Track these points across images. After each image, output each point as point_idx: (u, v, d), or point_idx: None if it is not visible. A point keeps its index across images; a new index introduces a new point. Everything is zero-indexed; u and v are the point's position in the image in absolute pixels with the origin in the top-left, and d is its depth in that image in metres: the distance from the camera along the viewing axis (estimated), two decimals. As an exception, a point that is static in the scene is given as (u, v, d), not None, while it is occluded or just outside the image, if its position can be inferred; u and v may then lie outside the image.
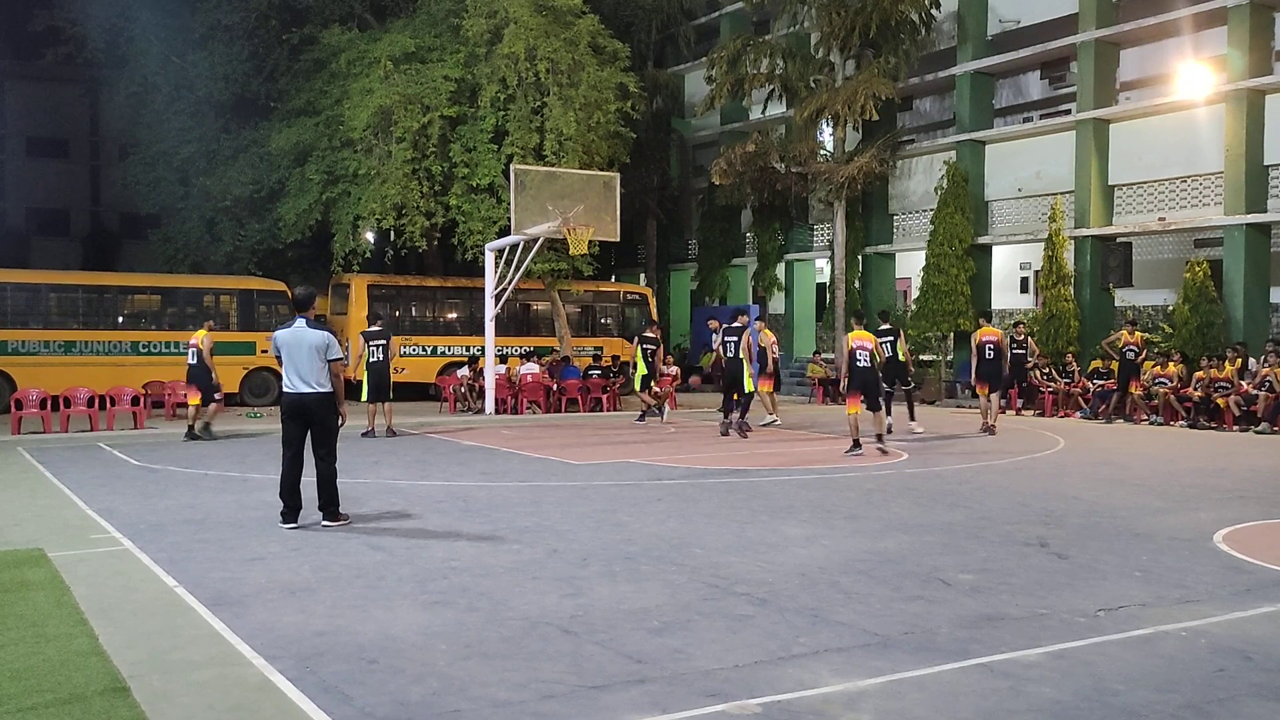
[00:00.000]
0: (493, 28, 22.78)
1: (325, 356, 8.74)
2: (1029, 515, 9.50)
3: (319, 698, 4.71)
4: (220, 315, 23.21)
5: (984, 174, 25.76)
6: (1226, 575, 7.17)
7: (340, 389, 8.92)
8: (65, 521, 9.17)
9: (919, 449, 14.88)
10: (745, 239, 32.24)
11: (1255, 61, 20.80)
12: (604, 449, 15.00)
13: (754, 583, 6.87)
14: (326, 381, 8.76)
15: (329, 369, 8.78)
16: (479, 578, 7.00)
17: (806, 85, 26.52)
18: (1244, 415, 18.09)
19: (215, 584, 6.80)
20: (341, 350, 9.05)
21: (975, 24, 25.79)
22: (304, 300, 9.10)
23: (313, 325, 8.87)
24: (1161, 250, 24.45)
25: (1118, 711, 4.57)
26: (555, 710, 4.57)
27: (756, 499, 10.39)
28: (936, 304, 24.71)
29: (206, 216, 26.82)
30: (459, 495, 10.64)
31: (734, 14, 31.58)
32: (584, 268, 23.63)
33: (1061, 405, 21.25)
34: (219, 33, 26.51)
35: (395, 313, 24.50)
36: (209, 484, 11.36)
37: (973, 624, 5.93)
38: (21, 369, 20.30)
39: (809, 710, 4.57)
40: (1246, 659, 5.33)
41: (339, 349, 8.95)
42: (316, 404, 8.74)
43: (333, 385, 8.81)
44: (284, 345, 8.79)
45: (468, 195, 22.88)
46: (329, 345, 8.79)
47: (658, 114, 32.38)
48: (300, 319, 8.88)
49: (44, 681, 4.88)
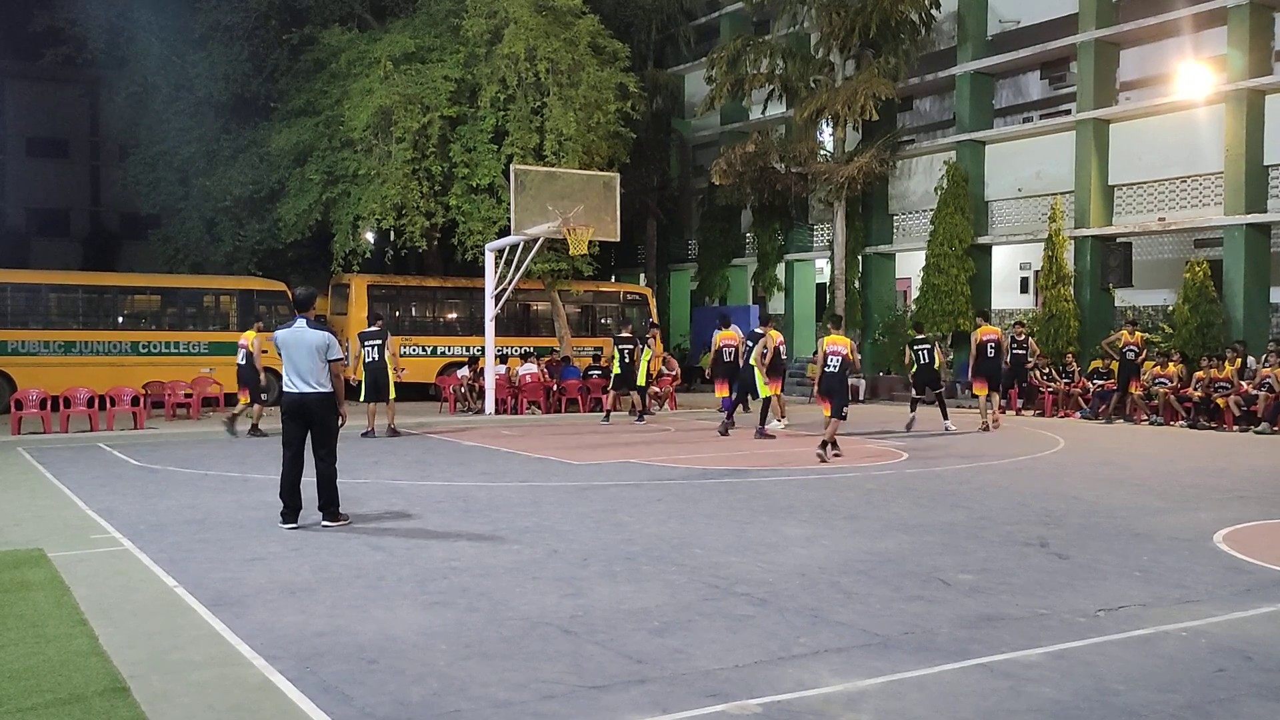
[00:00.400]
0: (493, 28, 22.78)
1: (325, 356, 8.74)
2: (1029, 515, 9.50)
3: (319, 698, 4.71)
4: (220, 316, 23.23)
5: (984, 174, 25.76)
6: (1227, 575, 7.17)
7: (340, 389, 8.92)
8: (65, 522, 9.17)
9: (919, 449, 14.89)
10: (745, 239, 32.24)
11: (1255, 61, 20.80)
12: (604, 449, 15.00)
13: (754, 583, 6.87)
14: (327, 381, 8.75)
15: (329, 369, 8.77)
16: (479, 578, 7.00)
17: (806, 85, 26.52)
18: (1244, 415, 18.09)
19: (215, 584, 6.80)
20: (342, 351, 9.06)
21: (975, 24, 25.79)
22: (304, 300, 9.10)
23: (313, 325, 8.86)
24: (1161, 250, 24.45)
25: (1118, 712, 4.57)
26: (555, 710, 4.57)
27: (757, 499, 10.39)
28: (936, 304, 24.71)
29: (206, 217, 26.82)
30: (459, 495, 10.64)
31: (734, 14, 31.58)
32: (584, 268, 23.64)
33: (1061, 405, 21.25)
34: (219, 33, 26.51)
35: (395, 313, 24.51)
36: (209, 484, 11.36)
37: (973, 624, 5.93)
38: (22, 369, 20.29)
39: (809, 710, 4.57)
40: (1247, 659, 5.33)
41: (339, 349, 8.95)
42: (317, 404, 8.73)
43: (333, 385, 8.80)
44: (284, 345, 8.78)
45: (468, 195, 22.89)
46: (329, 345, 8.79)
47: (658, 114, 32.38)
48: (300, 319, 8.88)
49: (44, 682, 4.88)
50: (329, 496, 8.82)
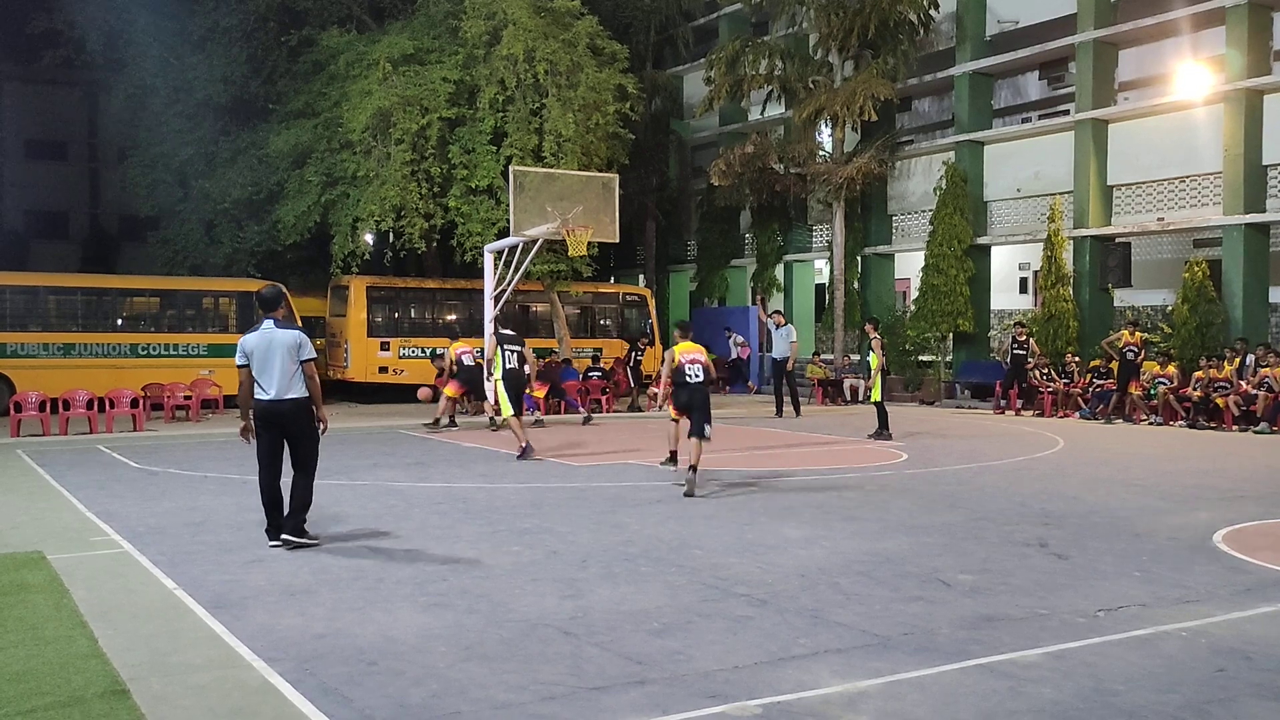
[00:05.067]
0: (491, 29, 22.78)
1: (298, 357, 8.05)
2: (1028, 516, 9.50)
3: (319, 700, 4.71)
4: (219, 318, 23.21)
5: (983, 174, 25.76)
6: (1226, 575, 7.17)
7: (317, 392, 8.20)
8: (64, 524, 9.16)
9: (919, 450, 14.88)
10: (744, 240, 32.23)
11: (1254, 61, 20.81)
12: (603, 450, 14.99)
13: (754, 584, 6.87)
14: (302, 386, 8.06)
15: (303, 371, 8.08)
16: (479, 579, 7.00)
17: (805, 86, 26.51)
18: (1243, 415, 18.09)
19: (215, 586, 6.79)
20: (314, 349, 8.33)
21: (974, 24, 25.80)
22: (271, 300, 8.31)
23: (282, 325, 8.16)
24: (1160, 250, 24.45)
25: (1118, 712, 4.57)
26: (555, 712, 4.57)
27: (756, 500, 10.39)
28: (936, 304, 24.71)
29: (205, 219, 26.82)
30: (458, 497, 10.63)
31: (732, 15, 31.57)
32: (583, 269, 23.62)
33: (1061, 405, 21.25)
34: (217, 35, 26.51)
35: (394, 315, 24.48)
36: (208, 486, 11.35)
37: (972, 625, 5.93)
38: (21, 371, 20.27)
39: (809, 711, 4.57)
40: (1246, 659, 5.33)
41: (312, 348, 8.23)
42: (292, 411, 8.03)
43: (309, 389, 8.12)
44: (254, 350, 8.02)
45: (467, 197, 22.87)
46: (301, 345, 8.08)
47: (656, 115, 32.38)
48: (268, 320, 8.15)
49: (43, 684, 4.88)
50: (298, 510, 8.10)
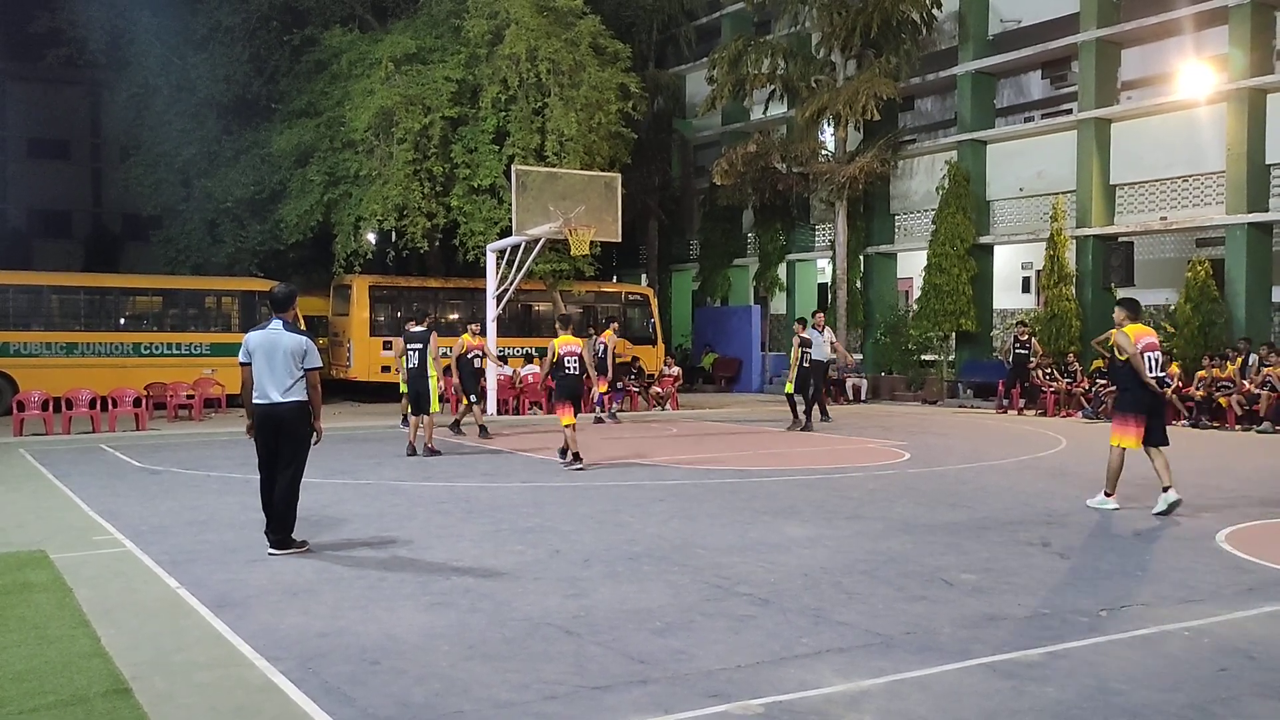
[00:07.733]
0: (494, 28, 22.77)
1: (302, 364, 7.80)
2: (1031, 515, 9.50)
3: (322, 699, 4.71)
4: (222, 317, 23.22)
5: (985, 174, 25.76)
6: (1229, 575, 7.16)
7: (318, 401, 7.94)
8: (67, 523, 9.16)
9: (921, 449, 14.88)
10: (747, 239, 32.24)
11: (1257, 60, 20.79)
12: (606, 449, 14.99)
13: (756, 583, 6.87)
14: (302, 391, 7.82)
15: (306, 379, 7.84)
16: (481, 579, 7.00)
17: (808, 85, 26.51)
18: (1246, 415, 18.07)
19: (218, 585, 6.80)
20: (320, 359, 8.09)
21: (976, 24, 25.79)
22: (283, 300, 8.09)
23: (290, 329, 7.92)
24: (1163, 250, 24.43)
25: (1120, 711, 4.57)
26: (558, 711, 4.57)
27: (759, 499, 10.38)
28: (938, 304, 24.71)
29: (208, 218, 26.82)
30: (461, 496, 10.64)
31: (735, 14, 31.58)
32: (585, 268, 23.63)
33: (1064, 405, 21.23)
34: (220, 34, 26.52)
35: (397, 314, 24.46)
36: (211, 486, 11.36)
37: (975, 624, 5.93)
38: (24, 371, 20.28)
39: (811, 711, 4.57)
40: (1249, 658, 5.33)
41: (317, 357, 7.99)
42: (289, 415, 7.78)
43: (309, 397, 7.87)
44: (257, 348, 7.79)
45: (469, 196, 22.88)
46: (307, 352, 7.85)
47: (659, 114, 32.39)
48: (277, 320, 7.94)
49: (46, 683, 4.89)
50: (284, 520, 7.82)
